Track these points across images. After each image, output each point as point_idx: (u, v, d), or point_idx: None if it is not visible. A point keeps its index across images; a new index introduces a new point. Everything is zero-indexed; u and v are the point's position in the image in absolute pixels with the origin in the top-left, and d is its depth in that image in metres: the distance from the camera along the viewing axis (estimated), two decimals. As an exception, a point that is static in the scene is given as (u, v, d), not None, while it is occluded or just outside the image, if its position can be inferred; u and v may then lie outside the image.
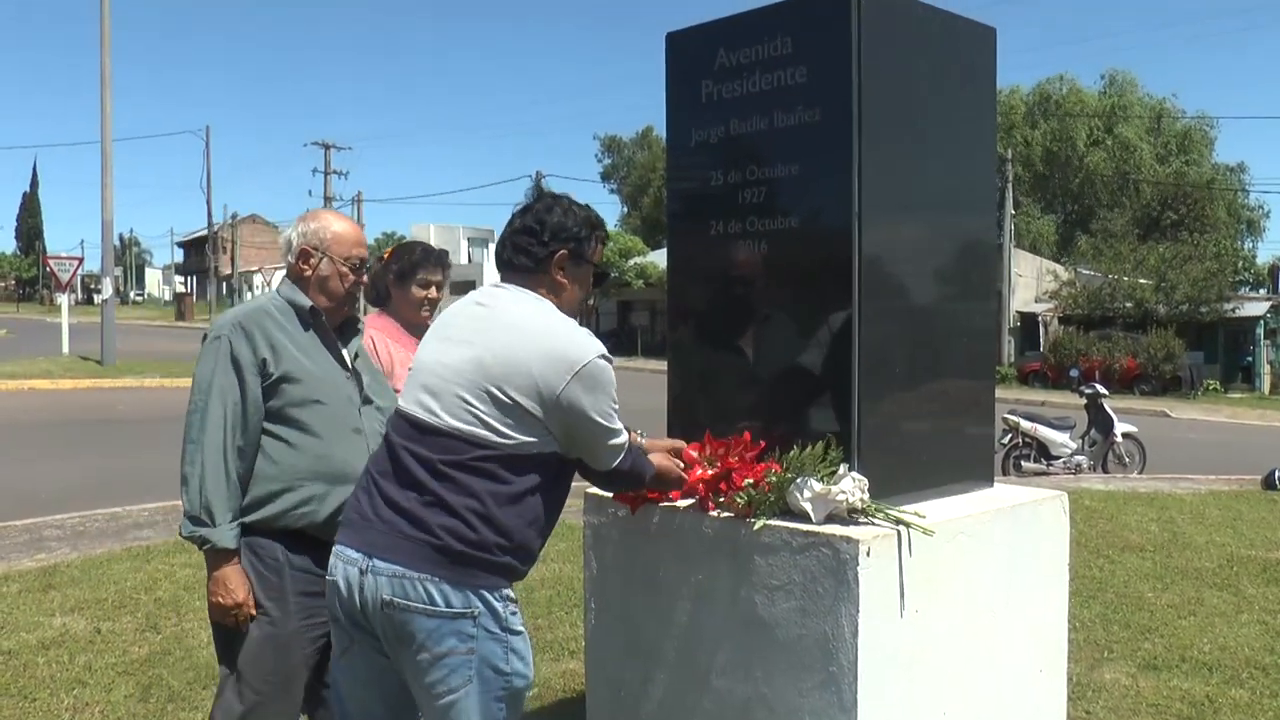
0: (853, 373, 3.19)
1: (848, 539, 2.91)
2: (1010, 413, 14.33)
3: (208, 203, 69.49)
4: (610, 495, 3.39)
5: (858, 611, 2.87)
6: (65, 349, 29.55)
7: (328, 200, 59.74)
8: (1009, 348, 37.45)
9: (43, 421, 17.87)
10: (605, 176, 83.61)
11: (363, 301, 3.92)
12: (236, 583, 3.19)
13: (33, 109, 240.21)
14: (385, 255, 4.45)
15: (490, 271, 75.09)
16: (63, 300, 32.64)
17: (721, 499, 3.21)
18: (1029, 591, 3.47)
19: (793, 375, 3.43)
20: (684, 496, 3.30)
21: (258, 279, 73.49)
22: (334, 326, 3.40)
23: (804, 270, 3.35)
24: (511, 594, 2.72)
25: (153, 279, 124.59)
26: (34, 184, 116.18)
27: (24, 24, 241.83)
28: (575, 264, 2.85)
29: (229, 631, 3.26)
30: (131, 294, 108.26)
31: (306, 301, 3.33)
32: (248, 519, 3.21)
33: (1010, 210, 39.41)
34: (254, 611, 3.22)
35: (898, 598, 2.98)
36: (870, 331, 3.20)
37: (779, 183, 3.38)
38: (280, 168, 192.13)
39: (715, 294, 3.63)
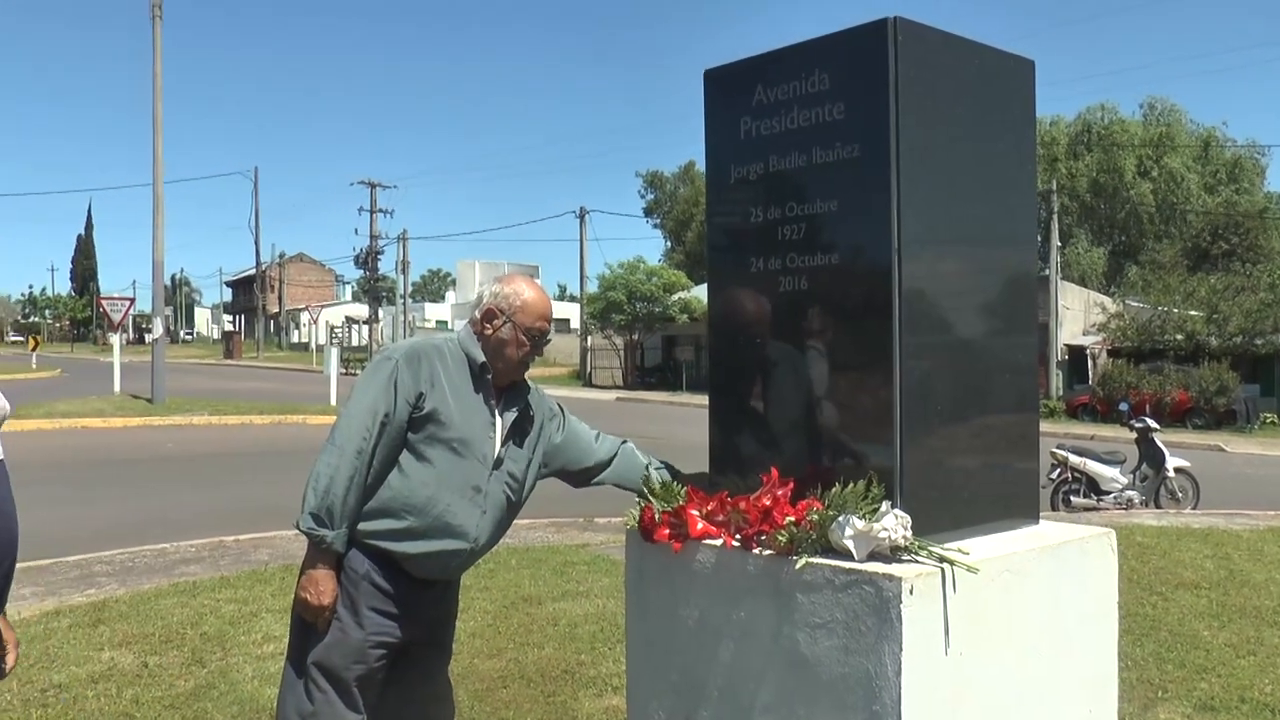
0: (894, 408, 3.16)
1: (890, 577, 2.87)
2: (1058, 447, 14.17)
3: (256, 242, 70.59)
4: (654, 534, 3.39)
5: (901, 650, 2.83)
6: (117, 388, 29.99)
7: (373, 239, 60.38)
8: (1057, 381, 37.07)
9: (95, 460, 18.13)
10: (648, 212, 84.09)
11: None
12: (327, 587, 3.34)
13: (87, 154, 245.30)
14: None
15: (534, 307, 75.48)
16: (115, 340, 33.16)
17: (763, 537, 3.19)
18: (1077, 630, 3.40)
19: (834, 411, 3.41)
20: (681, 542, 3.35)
21: (304, 317, 74.32)
22: (499, 387, 3.55)
23: (844, 306, 3.33)
24: None
25: (202, 318, 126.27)
26: (88, 226, 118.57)
27: (80, 73, 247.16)
28: None
29: (306, 630, 3.41)
30: (181, 333, 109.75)
31: (480, 357, 3.48)
32: (354, 527, 3.37)
33: (1056, 242, 39.14)
34: (329, 615, 3.37)
35: (942, 636, 2.94)
36: (912, 367, 3.18)
37: (818, 219, 3.38)
38: (327, 207, 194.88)
39: (756, 330, 3.62)
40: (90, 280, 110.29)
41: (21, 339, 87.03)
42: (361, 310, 69.21)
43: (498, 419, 3.52)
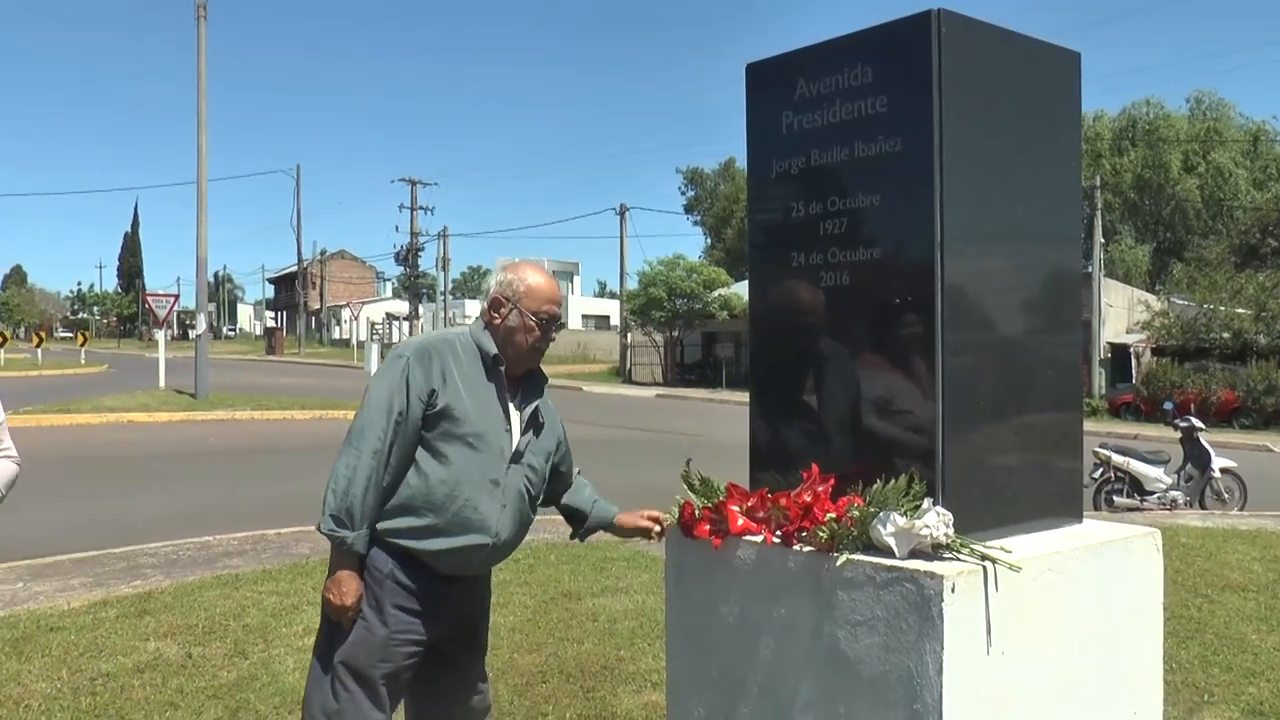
0: (936, 405, 3.14)
1: (932, 574, 2.85)
2: (1101, 446, 14.00)
3: (297, 240, 71.13)
4: (694, 530, 3.39)
5: (942, 649, 2.81)
6: (161, 383, 30.33)
7: (414, 236, 60.70)
8: (1099, 380, 36.64)
9: (140, 454, 18.35)
10: (689, 209, 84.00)
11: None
12: (350, 587, 3.34)
13: (134, 154, 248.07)
14: None
15: (575, 303, 75.79)
16: (160, 336, 33.55)
17: (804, 533, 3.17)
18: (1120, 631, 3.37)
19: (875, 408, 3.39)
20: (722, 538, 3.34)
21: (346, 313, 74.79)
22: (515, 376, 3.52)
23: (886, 302, 3.31)
24: None
25: (244, 314, 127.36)
26: (135, 224, 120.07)
27: (125, 74, 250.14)
28: None
29: (333, 628, 3.41)
30: (224, 329, 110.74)
31: (492, 348, 3.45)
32: (376, 525, 3.37)
33: (1100, 239, 38.68)
34: (354, 614, 3.37)
35: (984, 635, 2.91)
36: (954, 364, 3.15)
37: (860, 213, 3.36)
38: (367, 204, 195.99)
39: (797, 326, 3.61)
40: (136, 277, 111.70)
41: (71, 335, 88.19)
42: (402, 307, 69.57)
43: (514, 411, 3.50)
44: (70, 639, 6.50)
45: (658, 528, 3.71)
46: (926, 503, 3.05)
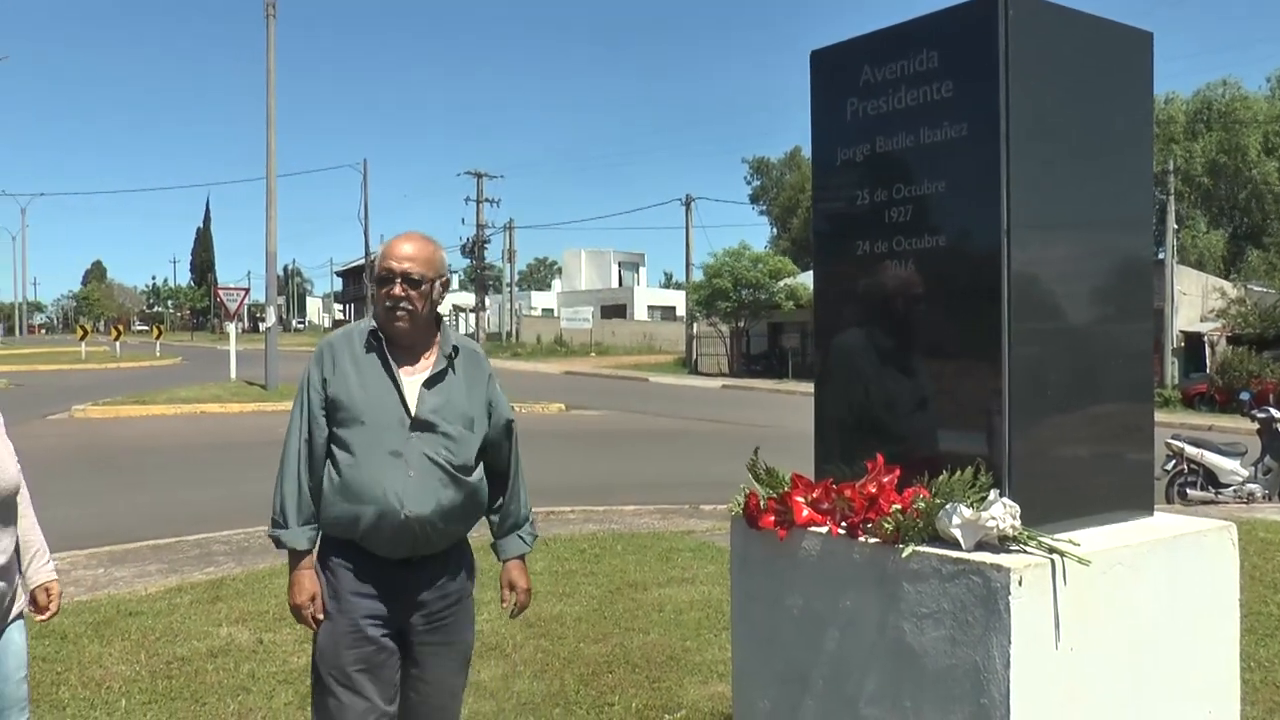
0: (1003, 396, 3.10)
1: (999, 567, 2.81)
2: (1174, 438, 13.71)
3: (365, 233, 71.68)
4: (759, 521, 3.37)
5: (1009, 643, 2.77)
6: (233, 375, 30.88)
7: (480, 228, 61.07)
8: (1172, 369, 35.92)
9: (212, 443, 18.70)
10: (754, 198, 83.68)
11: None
12: (300, 585, 3.42)
13: (206, 151, 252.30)
14: None
15: (641, 294, 75.86)
16: (230, 329, 34.14)
17: (869, 525, 3.15)
18: (1194, 627, 3.29)
19: (941, 397, 3.35)
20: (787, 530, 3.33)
21: (414, 305, 75.28)
22: (409, 343, 3.44)
23: (952, 290, 3.27)
24: None
25: (313, 307, 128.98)
26: (206, 220, 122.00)
27: (197, 74, 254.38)
28: None
29: (313, 633, 3.48)
30: (294, 322, 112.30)
31: (371, 324, 3.47)
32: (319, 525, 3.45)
33: (1172, 225, 37.93)
34: (319, 615, 3.42)
35: (1052, 629, 2.87)
36: (1021, 353, 3.11)
37: (926, 200, 3.32)
38: (434, 198, 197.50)
39: (862, 315, 3.58)
40: (208, 271, 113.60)
41: (147, 328, 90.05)
42: (468, 299, 70.03)
43: (405, 380, 3.41)
44: (148, 623, 6.66)
45: (507, 603, 3.67)
46: (993, 494, 3.01)
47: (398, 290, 3.35)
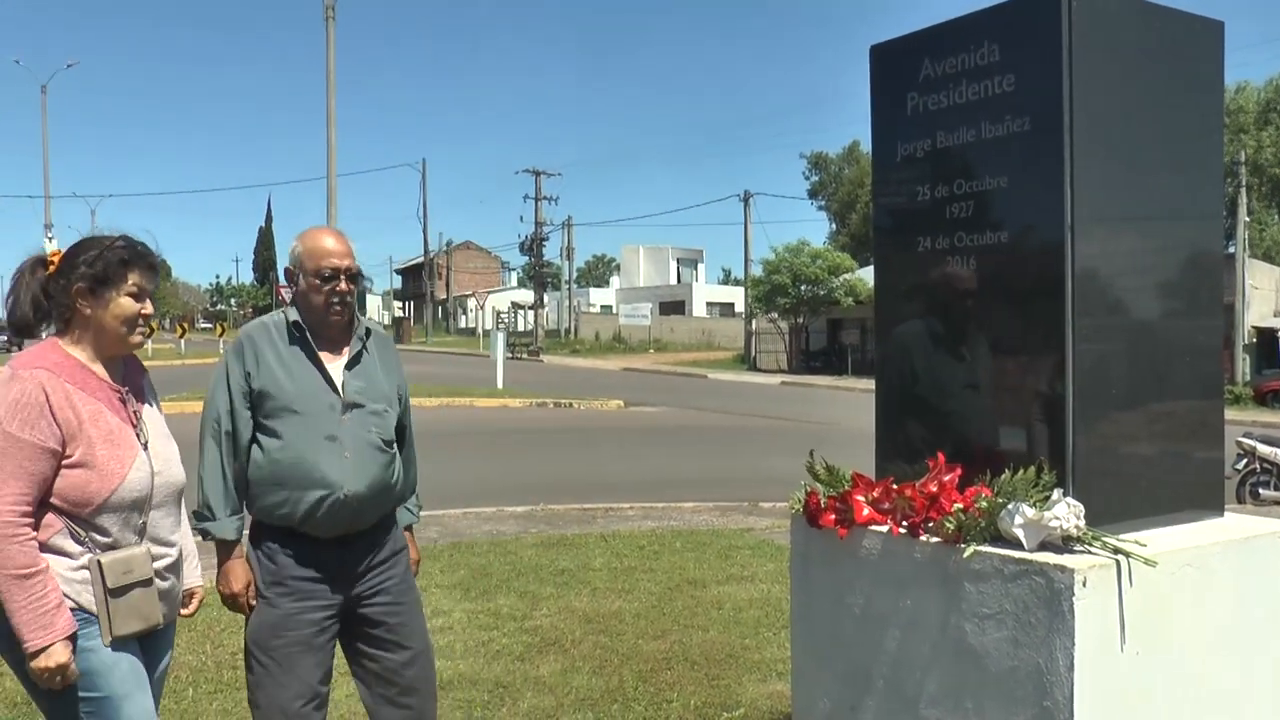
0: (1067, 393, 3.05)
1: (1062, 568, 2.77)
2: (1245, 436, 13.42)
3: (424, 231, 72.52)
4: (819, 519, 3.36)
5: (1073, 645, 2.73)
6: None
7: (538, 225, 61.40)
8: (1243, 366, 35.24)
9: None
10: (813, 194, 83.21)
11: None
12: (235, 575, 3.55)
13: (267, 151, 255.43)
14: (53, 259, 3.08)
15: (700, 291, 75.78)
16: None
17: (930, 524, 3.12)
18: (1266, 632, 3.22)
19: (1003, 395, 3.31)
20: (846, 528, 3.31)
21: (471, 302, 76.00)
22: (332, 334, 3.60)
23: (1015, 286, 3.23)
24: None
25: (373, 304, 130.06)
26: (268, 219, 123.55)
27: (257, 76, 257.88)
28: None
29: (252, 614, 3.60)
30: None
31: (292, 316, 3.58)
32: (250, 514, 3.57)
33: (1244, 217, 37.18)
34: (253, 601, 3.56)
35: (1117, 632, 2.82)
36: (1085, 350, 3.06)
37: (988, 196, 3.28)
38: (492, 195, 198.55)
39: (923, 311, 3.54)
40: (270, 269, 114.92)
41: (210, 326, 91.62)
42: (527, 295, 70.44)
43: (332, 367, 3.56)
44: (213, 615, 6.74)
45: (415, 566, 3.90)
46: (1056, 493, 2.96)
47: (343, 286, 3.54)
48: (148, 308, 3.07)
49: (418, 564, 3.96)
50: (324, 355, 3.57)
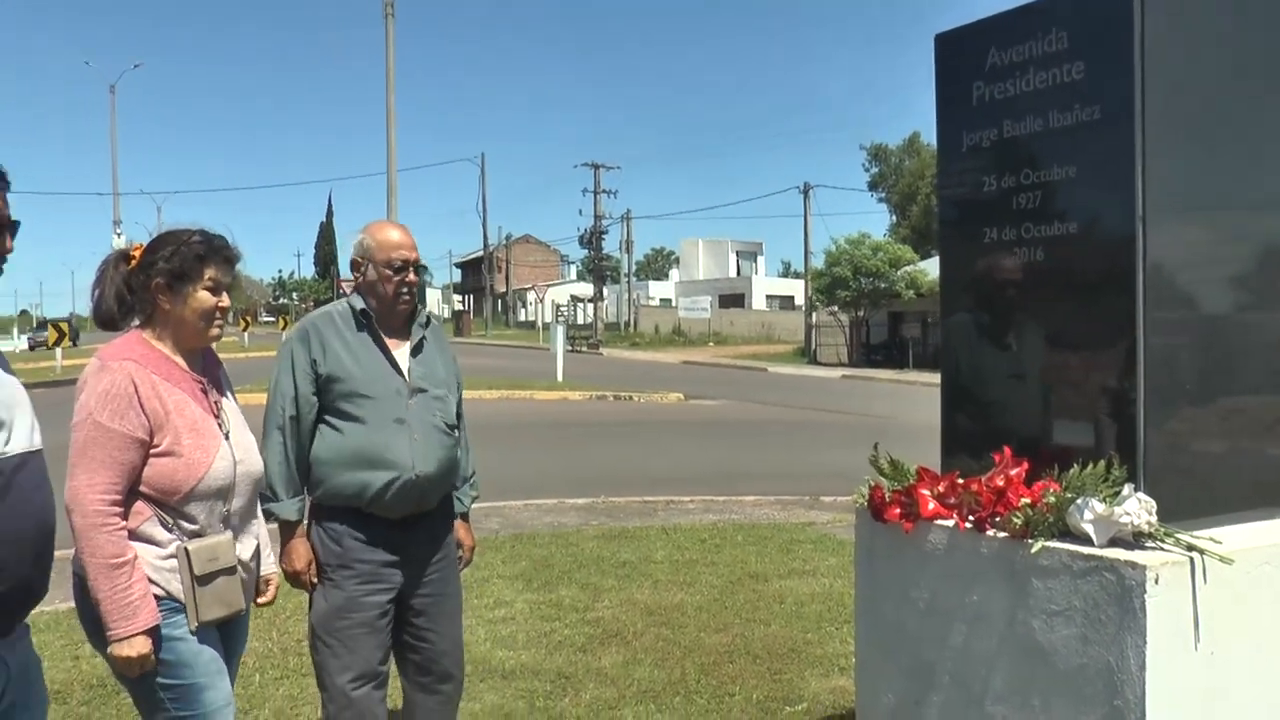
0: (1138, 387, 3.00)
1: (1134, 564, 2.72)
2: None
3: (483, 225, 72.96)
4: (884, 513, 3.33)
5: (1145, 643, 2.68)
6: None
7: (597, 219, 61.53)
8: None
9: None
10: (873, 185, 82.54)
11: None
12: (298, 554, 3.65)
13: (328, 147, 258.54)
14: (134, 253, 3.12)
15: (759, 284, 75.53)
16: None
17: (997, 519, 3.08)
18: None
19: (1072, 389, 3.25)
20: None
21: (531, 296, 76.34)
22: (397, 324, 3.75)
23: (1084, 278, 3.18)
24: None
25: (433, 298, 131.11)
26: (329, 214, 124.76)
27: (319, 73, 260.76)
28: None
29: (314, 595, 3.71)
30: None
31: (359, 305, 3.71)
32: (313, 496, 3.67)
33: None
34: (315, 580, 3.67)
35: (1191, 631, 2.76)
36: (1157, 343, 3.00)
37: (1055, 186, 3.22)
38: (552, 189, 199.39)
39: (990, 304, 3.50)
40: (331, 264, 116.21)
41: (273, 319, 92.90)
42: (586, 289, 70.68)
43: (398, 353, 3.71)
44: (280, 603, 6.82)
45: (469, 553, 4.05)
46: (1127, 489, 2.91)
47: (411, 277, 3.73)
48: (224, 301, 3.13)
49: (472, 550, 4.09)
50: (390, 342, 3.70)
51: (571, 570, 7.88)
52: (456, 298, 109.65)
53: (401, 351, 3.73)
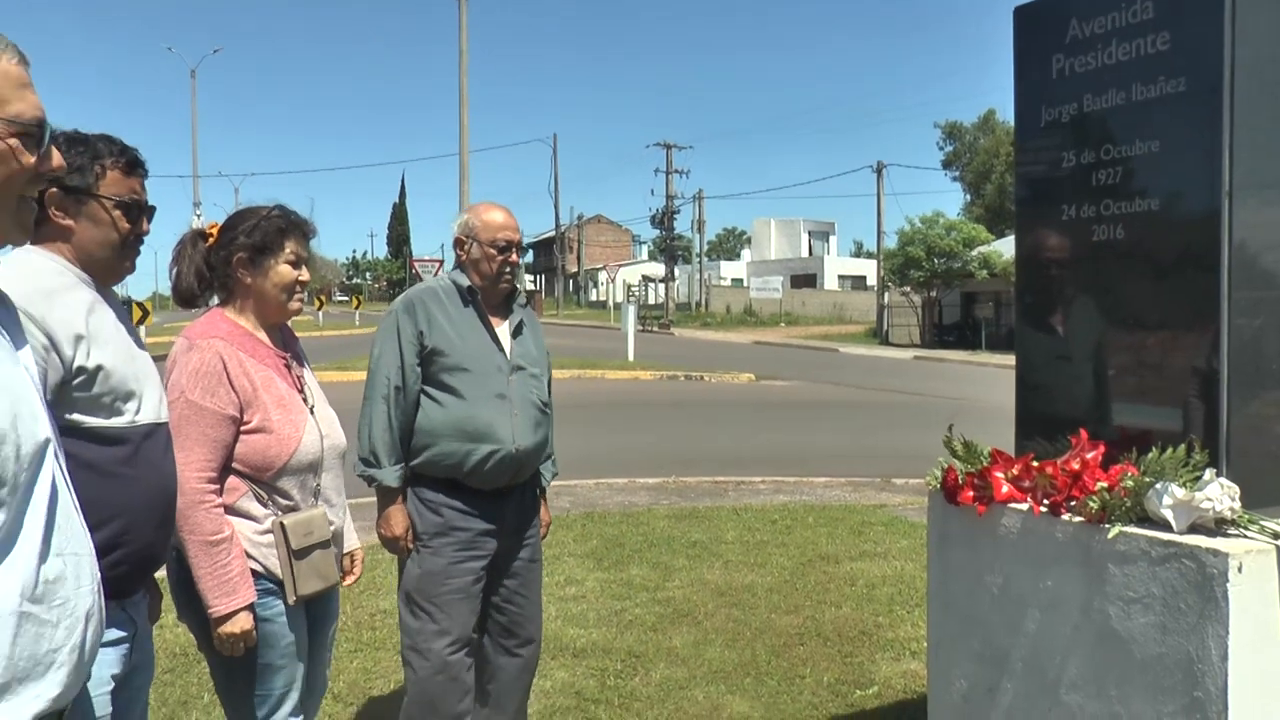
0: (1221, 369, 2.91)
1: (1215, 552, 2.64)
2: None
3: (555, 205, 73.03)
4: (958, 496, 3.27)
5: (1227, 633, 2.60)
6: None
7: (669, 199, 61.41)
8: None
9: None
10: (946, 164, 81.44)
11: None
12: (396, 520, 3.76)
13: (400, 129, 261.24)
14: (211, 231, 3.14)
15: (831, 264, 74.93)
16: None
17: (1073, 503, 3.01)
18: None
19: (1152, 371, 3.17)
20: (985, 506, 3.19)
21: (602, 276, 76.37)
22: (496, 302, 3.89)
23: (1166, 257, 3.09)
24: None
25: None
26: (402, 195, 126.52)
27: (393, 55, 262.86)
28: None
29: (403, 560, 3.84)
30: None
31: (465, 282, 3.85)
32: (413, 464, 3.77)
33: None
34: (411, 545, 3.77)
35: (1276, 622, 2.68)
36: (1241, 324, 2.91)
37: (1137, 161, 3.13)
38: (623, 170, 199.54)
39: (1067, 283, 3.42)
40: (404, 244, 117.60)
41: (347, 299, 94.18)
42: (658, 269, 70.57)
43: (500, 331, 3.86)
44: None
45: (545, 529, 4.13)
46: (1208, 473, 2.83)
47: (514, 257, 3.88)
48: (305, 274, 3.15)
49: (548, 527, 4.19)
50: (493, 319, 3.87)
51: (642, 549, 7.90)
52: (528, 277, 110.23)
53: (503, 329, 3.87)
